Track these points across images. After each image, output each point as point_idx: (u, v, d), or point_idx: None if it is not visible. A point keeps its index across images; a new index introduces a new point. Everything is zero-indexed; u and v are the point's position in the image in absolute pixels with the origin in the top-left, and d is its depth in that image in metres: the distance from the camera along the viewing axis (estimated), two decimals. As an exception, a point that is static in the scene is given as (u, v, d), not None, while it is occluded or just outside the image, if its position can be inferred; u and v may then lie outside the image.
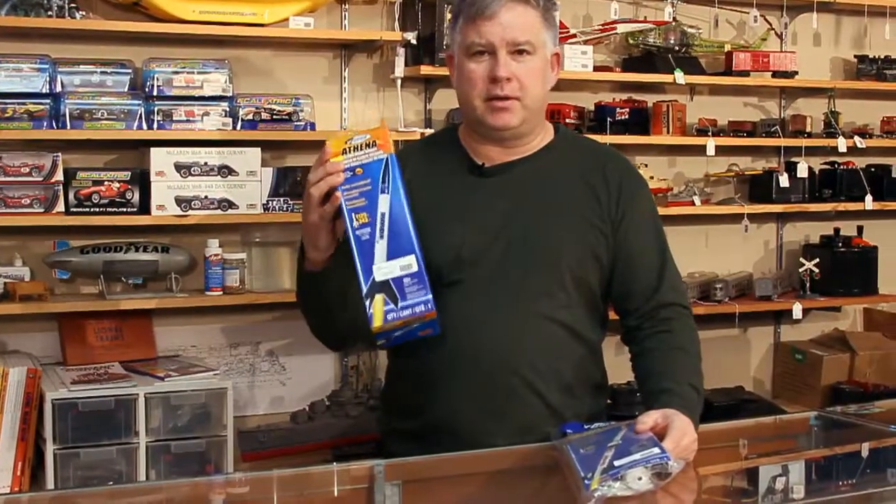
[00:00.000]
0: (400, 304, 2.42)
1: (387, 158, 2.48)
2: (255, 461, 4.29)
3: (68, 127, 4.20)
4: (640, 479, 2.23)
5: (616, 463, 2.25)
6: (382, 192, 2.47)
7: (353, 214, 2.47)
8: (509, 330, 2.73)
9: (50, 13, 4.18)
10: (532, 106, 2.80)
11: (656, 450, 2.29)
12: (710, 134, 5.31)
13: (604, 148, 3.07)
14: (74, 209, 4.24)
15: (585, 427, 2.54)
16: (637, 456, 2.27)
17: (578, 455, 2.34)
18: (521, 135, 2.84)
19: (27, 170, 4.19)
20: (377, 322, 2.42)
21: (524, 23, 2.75)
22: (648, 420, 2.45)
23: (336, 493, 2.40)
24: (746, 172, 5.58)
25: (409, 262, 2.45)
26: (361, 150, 2.48)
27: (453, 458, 2.57)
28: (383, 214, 2.46)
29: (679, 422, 2.48)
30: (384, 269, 2.44)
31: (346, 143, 2.49)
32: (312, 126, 4.60)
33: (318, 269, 2.68)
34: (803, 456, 2.86)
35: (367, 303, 2.42)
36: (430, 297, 2.44)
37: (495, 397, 2.72)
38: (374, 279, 2.44)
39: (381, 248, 2.45)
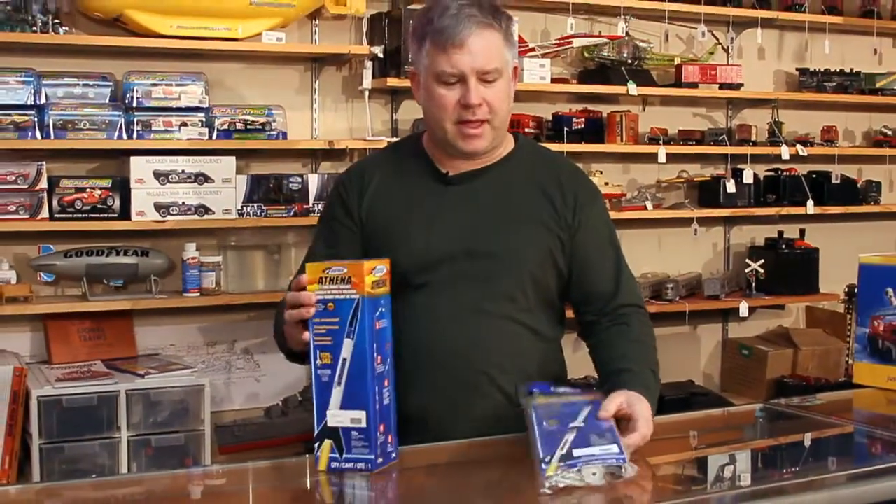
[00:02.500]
0: (344, 456, 2.31)
1: (358, 301, 2.31)
2: (232, 454, 4.29)
3: (52, 137, 4.19)
4: (594, 474, 2.24)
5: (575, 453, 2.25)
6: (348, 336, 2.32)
7: (318, 352, 2.34)
8: (474, 330, 2.73)
9: (34, 28, 4.17)
10: (500, 126, 2.80)
11: (615, 448, 2.27)
12: (661, 142, 5.33)
13: (561, 159, 3.06)
14: (58, 215, 4.23)
15: (552, 389, 2.51)
16: (596, 451, 2.26)
17: (541, 428, 2.33)
18: (486, 151, 2.84)
19: (13, 178, 4.17)
20: (322, 466, 2.33)
21: (491, 49, 2.72)
22: (612, 406, 2.43)
23: (309, 484, 2.40)
24: (696, 179, 5.60)
25: (360, 417, 2.31)
26: (336, 283, 2.32)
27: (421, 449, 2.57)
28: (345, 360, 2.32)
29: (642, 410, 2.49)
30: (336, 416, 2.32)
31: (322, 272, 2.34)
32: (284, 135, 4.60)
33: (299, 349, 2.62)
34: (750, 446, 2.87)
35: (317, 445, 2.33)
36: (372, 457, 2.31)
37: (461, 393, 2.72)
38: (326, 423, 2.33)
39: (337, 394, 2.33)
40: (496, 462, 2.52)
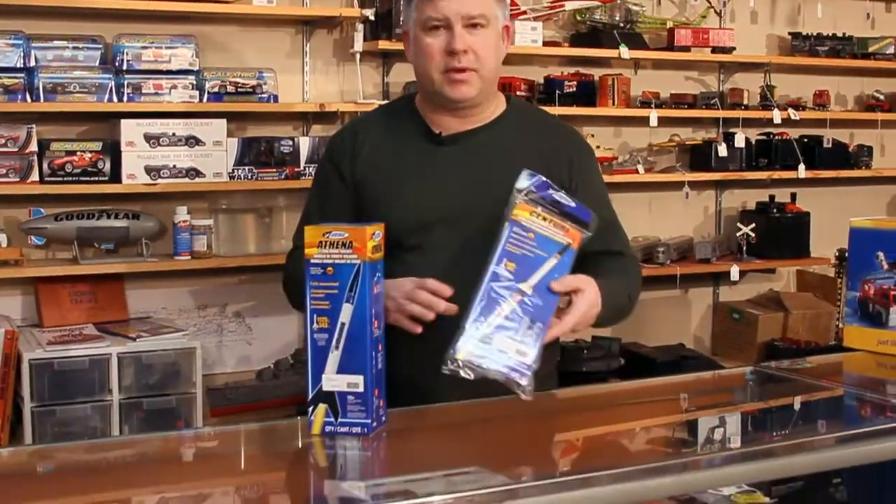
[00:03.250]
0: (339, 420, 2.30)
1: (359, 265, 2.30)
2: (223, 416, 4.29)
3: (42, 100, 4.18)
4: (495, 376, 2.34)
5: (494, 340, 2.34)
6: (347, 300, 2.31)
7: (315, 316, 2.33)
8: (466, 291, 2.73)
9: (23, -10, 4.15)
10: (488, 77, 2.79)
11: (528, 358, 2.34)
12: (653, 106, 5.33)
13: (554, 119, 3.07)
14: (48, 178, 4.22)
15: (549, 192, 2.47)
16: (510, 351, 2.34)
17: (494, 274, 2.39)
18: (476, 104, 2.83)
19: (2, 141, 4.16)
20: (316, 430, 2.33)
21: None
22: (568, 281, 2.44)
23: (300, 445, 2.40)
24: (687, 142, 5.60)
25: (357, 382, 2.31)
26: (336, 248, 2.31)
27: (412, 412, 2.58)
28: (343, 325, 2.31)
29: (591, 293, 2.52)
30: (332, 380, 2.32)
31: (323, 235, 2.32)
32: (275, 98, 4.59)
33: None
34: (740, 408, 2.87)
35: (311, 409, 2.32)
36: (369, 421, 2.31)
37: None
38: (321, 387, 2.32)
39: (333, 358, 2.32)
40: (492, 422, 2.53)
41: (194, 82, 4.41)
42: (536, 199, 2.45)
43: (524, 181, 2.47)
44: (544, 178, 2.50)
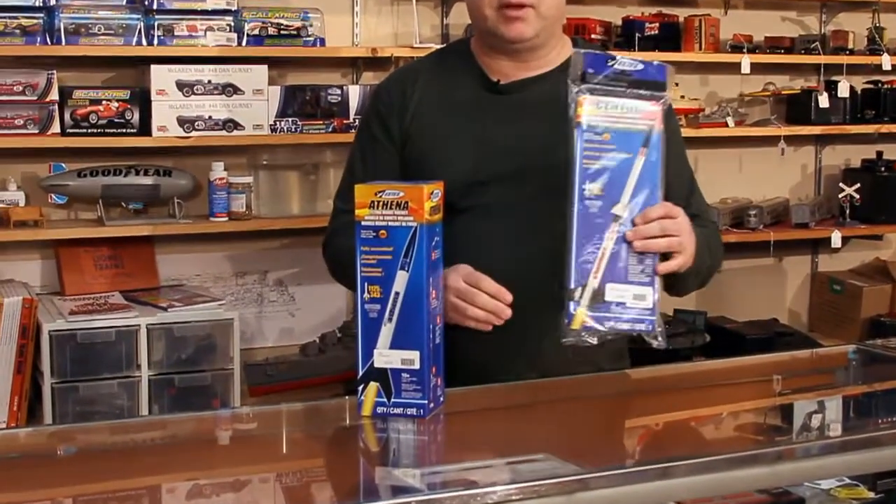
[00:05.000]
0: (392, 400, 2.32)
1: (415, 228, 2.30)
2: (264, 395, 4.32)
3: (63, 43, 4.20)
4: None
5: (607, 294, 2.36)
6: (402, 267, 2.31)
7: (365, 284, 2.33)
8: (527, 258, 2.72)
9: (43, -79, 4.17)
10: (548, 15, 2.77)
11: (648, 302, 2.36)
12: (744, 51, 5.28)
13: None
14: (71, 130, 4.25)
15: (608, 65, 2.45)
16: (628, 300, 2.36)
17: (582, 211, 2.38)
18: (535, 47, 2.81)
19: (20, 88, 4.19)
20: (366, 411, 2.33)
21: None
22: (654, 212, 2.42)
23: (348, 428, 2.42)
24: (783, 92, 5.55)
25: (413, 358, 2.32)
26: (390, 208, 2.31)
27: (473, 391, 2.58)
28: (397, 294, 2.32)
29: (684, 219, 2.52)
30: (385, 356, 2.33)
31: (375, 195, 2.32)
32: (322, 42, 4.59)
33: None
34: (841, 392, 2.86)
35: (361, 388, 2.33)
36: (425, 401, 2.32)
37: (513, 331, 2.71)
38: (372, 363, 2.33)
39: (386, 331, 2.33)
40: (561, 404, 2.53)
41: (232, 23, 4.42)
42: (600, 82, 2.43)
43: (578, 66, 2.44)
44: (598, 52, 2.51)
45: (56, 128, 4.22)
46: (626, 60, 2.44)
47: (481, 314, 2.57)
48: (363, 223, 2.33)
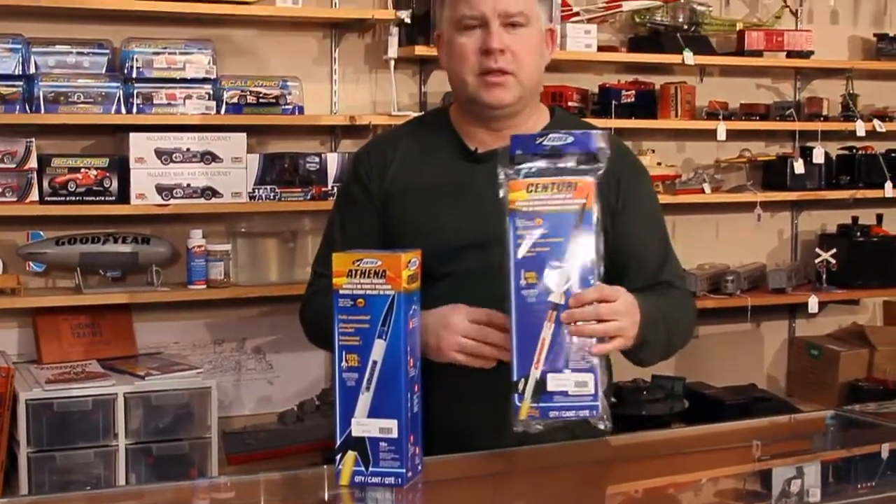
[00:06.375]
0: (370, 469, 2.31)
1: (393, 297, 2.30)
2: (242, 464, 4.29)
3: (42, 111, 4.20)
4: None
5: (549, 384, 2.34)
6: (380, 336, 2.31)
7: (343, 353, 2.33)
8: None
9: (23, -10, 4.18)
10: (527, 82, 2.80)
11: (590, 387, 2.34)
12: (720, 118, 5.31)
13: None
14: (49, 198, 4.25)
15: (538, 143, 2.43)
16: (570, 387, 2.33)
17: (519, 299, 2.36)
18: (513, 114, 2.83)
19: (-1, 156, 4.20)
20: (344, 481, 2.32)
21: None
22: (589, 295, 2.39)
23: (326, 498, 2.41)
24: (759, 158, 5.58)
25: (391, 427, 2.31)
26: (368, 277, 2.31)
27: (451, 460, 2.58)
28: (375, 363, 2.31)
29: (627, 298, 2.50)
30: (363, 425, 2.32)
31: (352, 263, 2.32)
32: (301, 110, 4.61)
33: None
34: (819, 457, 2.86)
35: (339, 457, 2.32)
36: (403, 470, 2.31)
37: (493, 398, 2.70)
38: (350, 432, 2.32)
39: (364, 400, 2.32)
40: (540, 472, 2.52)
41: (211, 92, 4.44)
42: (530, 164, 2.42)
43: (507, 150, 2.44)
44: (527, 133, 2.51)
45: (34, 195, 4.22)
46: (555, 135, 2.43)
47: (487, 350, 2.55)
48: (341, 292, 2.33)
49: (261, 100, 4.52)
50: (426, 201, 2.82)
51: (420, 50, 4.68)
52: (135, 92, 4.33)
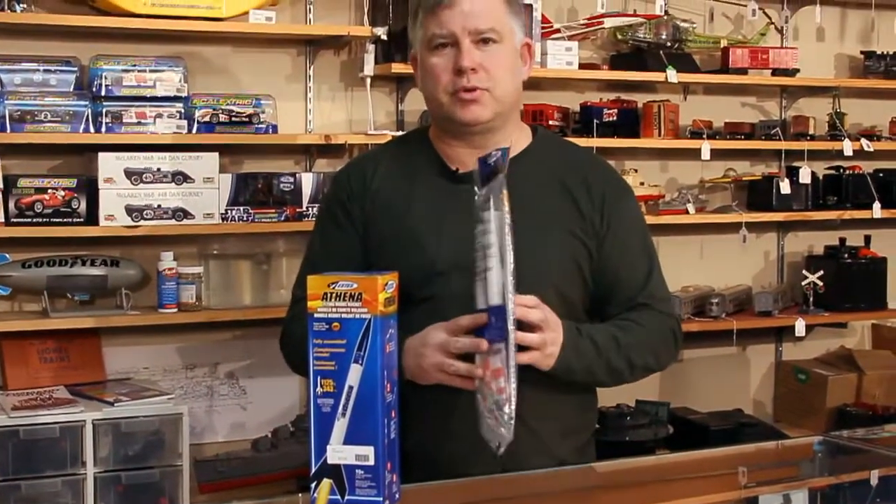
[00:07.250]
0: (346, 498, 2.30)
1: (369, 320, 2.29)
2: (214, 492, 4.29)
3: (8, 130, 4.19)
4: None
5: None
6: (356, 360, 2.30)
7: (318, 378, 2.32)
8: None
9: (-12, 6, 4.17)
10: (503, 98, 2.79)
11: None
12: (704, 136, 5.31)
13: (585, 154, 3.08)
14: (15, 219, 4.22)
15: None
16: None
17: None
18: (492, 131, 2.82)
19: (-37, 177, 4.17)
20: None
21: (486, 9, 2.75)
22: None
23: (300, 527, 2.39)
24: (744, 178, 5.59)
25: (367, 454, 2.30)
26: (343, 300, 2.30)
27: (429, 487, 2.56)
28: (351, 388, 2.31)
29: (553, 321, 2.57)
30: (339, 452, 2.31)
31: (328, 286, 2.31)
32: (275, 129, 4.59)
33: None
34: (807, 484, 2.85)
35: (314, 485, 2.32)
36: (380, 498, 2.30)
37: (472, 424, 2.68)
38: (325, 459, 2.31)
39: (340, 426, 2.31)
40: (520, 500, 2.50)
41: (182, 110, 4.42)
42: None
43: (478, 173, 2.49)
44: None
45: (0, 217, 4.19)
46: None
47: (463, 367, 2.53)
48: (316, 315, 2.31)
49: (234, 118, 4.50)
50: (406, 224, 2.81)
51: (397, 67, 4.67)
52: (103, 110, 4.31)
